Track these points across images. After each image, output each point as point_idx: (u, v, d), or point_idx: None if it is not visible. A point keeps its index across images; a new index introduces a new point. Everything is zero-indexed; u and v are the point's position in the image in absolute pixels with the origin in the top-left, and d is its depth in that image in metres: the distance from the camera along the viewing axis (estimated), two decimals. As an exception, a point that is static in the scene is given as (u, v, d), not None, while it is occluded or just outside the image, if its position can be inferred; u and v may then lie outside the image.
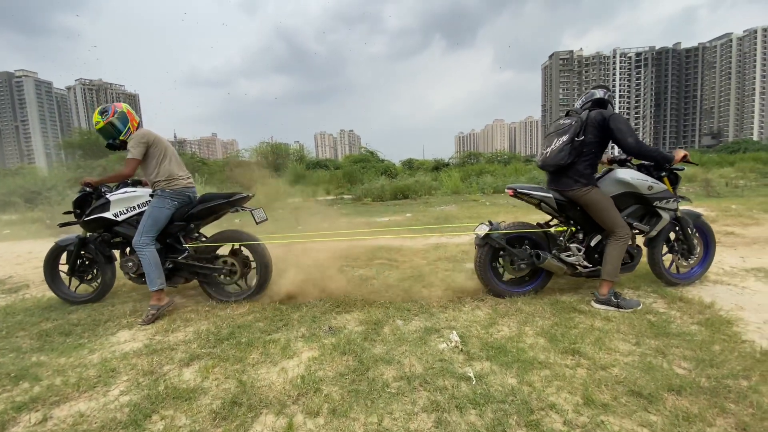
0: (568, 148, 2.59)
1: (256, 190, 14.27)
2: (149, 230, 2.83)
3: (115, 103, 2.95)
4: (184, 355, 2.22)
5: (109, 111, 2.88)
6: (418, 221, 7.16)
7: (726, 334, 2.19)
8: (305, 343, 2.31)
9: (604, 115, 2.57)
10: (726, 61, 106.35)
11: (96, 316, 2.94)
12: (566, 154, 2.59)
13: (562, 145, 2.61)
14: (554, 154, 2.65)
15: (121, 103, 3.01)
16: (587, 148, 2.61)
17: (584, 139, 2.58)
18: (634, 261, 2.81)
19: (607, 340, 2.18)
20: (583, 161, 2.62)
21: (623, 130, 2.52)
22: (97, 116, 2.88)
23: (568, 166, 2.63)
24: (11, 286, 4.01)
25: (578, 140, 2.58)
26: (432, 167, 27.99)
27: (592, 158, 2.64)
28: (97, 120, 2.88)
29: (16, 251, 5.99)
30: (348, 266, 4.06)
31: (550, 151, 2.69)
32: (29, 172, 24.33)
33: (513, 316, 2.57)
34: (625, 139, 2.52)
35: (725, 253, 3.90)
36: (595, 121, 2.58)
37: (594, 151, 2.63)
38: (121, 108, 2.91)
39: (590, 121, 2.59)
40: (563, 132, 2.64)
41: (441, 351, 2.14)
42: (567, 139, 2.59)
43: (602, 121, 2.56)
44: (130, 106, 3.05)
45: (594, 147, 2.62)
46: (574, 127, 2.58)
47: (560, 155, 2.61)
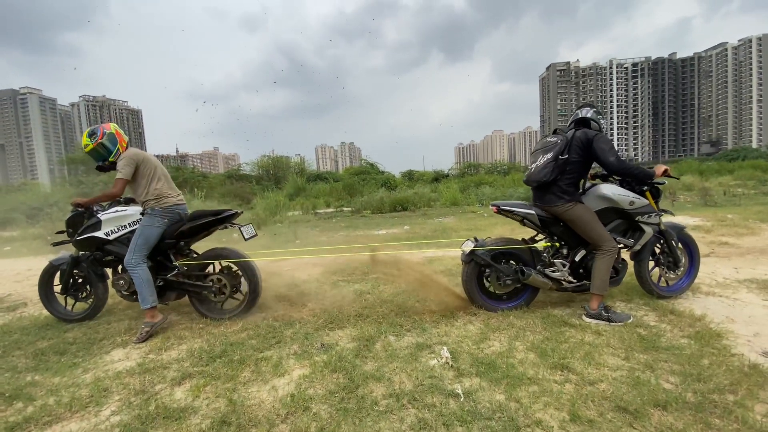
0: (552, 165, 2.64)
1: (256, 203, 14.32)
2: (140, 249, 2.87)
3: (103, 124, 3.00)
4: (176, 374, 2.23)
5: (97, 133, 2.92)
6: (416, 234, 7.19)
7: (715, 347, 2.20)
8: (297, 361, 2.32)
9: (588, 136, 2.63)
10: (722, 70, 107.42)
11: (91, 334, 2.95)
12: (549, 172, 2.65)
13: (546, 162, 2.66)
14: (538, 171, 2.71)
15: (110, 123, 3.07)
16: (570, 166, 2.66)
17: (568, 158, 2.64)
18: (620, 275, 2.83)
19: (596, 354, 2.19)
20: (566, 178, 2.67)
21: (605, 149, 2.58)
22: (86, 139, 2.93)
23: (551, 183, 2.68)
24: (9, 304, 4.03)
25: (562, 159, 2.64)
26: (432, 178, 28.16)
27: (575, 176, 2.69)
28: (87, 143, 2.92)
29: (16, 268, 6.02)
30: (343, 281, 4.07)
31: (535, 167, 2.74)
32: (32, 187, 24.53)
33: (504, 330, 2.58)
34: (607, 158, 2.57)
35: (719, 264, 3.91)
36: (580, 141, 2.64)
37: (577, 169, 2.68)
38: (110, 129, 2.96)
39: (575, 140, 2.65)
40: (548, 150, 2.69)
41: (431, 367, 2.15)
42: (551, 157, 2.65)
43: (586, 141, 2.62)
44: (119, 126, 3.10)
45: (577, 166, 2.67)
46: (559, 145, 2.65)
47: (543, 172, 2.67)
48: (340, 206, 16.40)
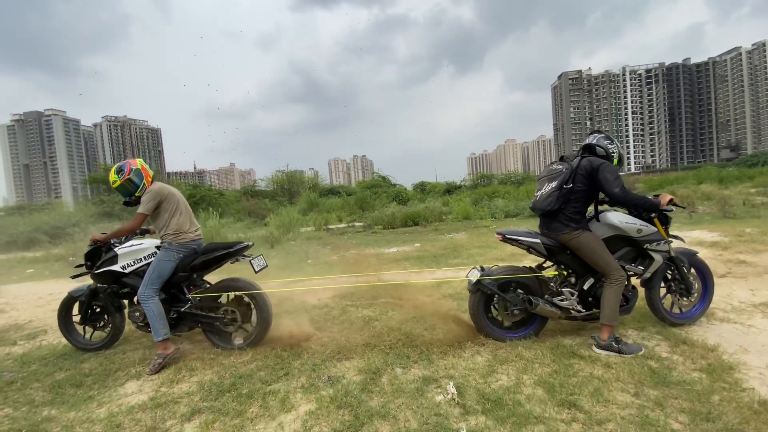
0: (556, 194, 2.64)
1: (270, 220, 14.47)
2: (153, 282, 2.96)
3: (129, 160, 3.12)
4: (187, 409, 2.28)
5: (125, 169, 3.04)
6: (427, 252, 7.18)
7: (727, 381, 2.14)
8: (304, 395, 2.35)
9: (593, 165, 2.63)
10: (737, 74, 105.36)
11: (107, 365, 3.04)
12: (553, 200, 2.65)
13: (551, 191, 2.67)
14: (543, 199, 2.71)
15: (135, 159, 3.20)
16: (575, 195, 2.66)
17: (572, 187, 2.64)
18: (630, 303, 2.78)
19: (605, 390, 2.15)
20: (572, 207, 2.67)
21: (610, 180, 2.57)
22: (114, 175, 3.05)
23: (556, 211, 2.68)
24: (30, 331, 4.18)
25: (566, 188, 2.64)
26: (444, 190, 28.11)
27: (580, 205, 2.68)
28: (114, 179, 3.04)
29: (38, 292, 6.24)
30: (352, 306, 4.10)
31: (540, 195, 2.75)
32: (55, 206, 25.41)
33: (513, 362, 2.56)
34: (612, 189, 2.56)
35: (735, 286, 3.80)
36: (584, 169, 2.64)
37: (583, 198, 2.68)
38: (136, 165, 3.09)
39: (580, 169, 2.65)
40: (553, 178, 2.70)
41: (437, 404, 2.14)
42: (555, 186, 2.65)
43: (591, 170, 2.62)
44: (144, 161, 3.24)
45: (583, 194, 2.67)
46: (564, 174, 2.65)
47: (548, 200, 2.67)
48: (352, 221, 16.51)
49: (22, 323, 4.56)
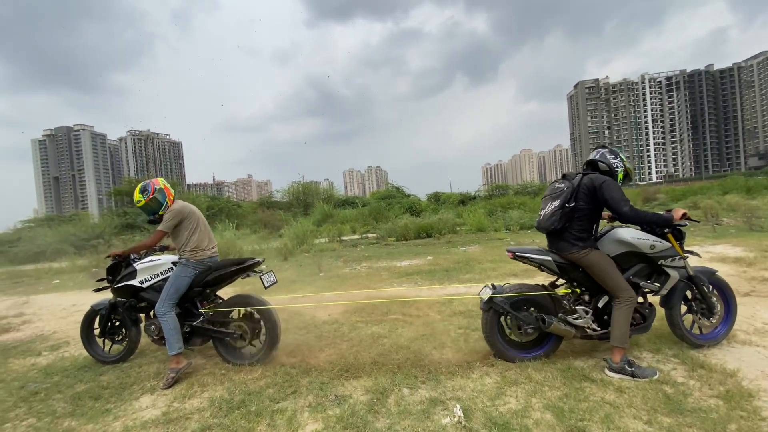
0: (559, 213, 2.63)
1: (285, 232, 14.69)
2: (171, 298, 3.05)
3: (152, 180, 3.25)
4: (197, 425, 2.33)
5: (149, 189, 3.16)
6: (438, 266, 7.15)
7: (745, 409, 2.06)
8: (311, 414, 2.36)
9: (595, 183, 2.60)
10: (765, 79, 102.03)
11: (123, 378, 3.13)
12: (557, 220, 2.63)
13: (554, 210, 2.65)
14: (547, 218, 2.70)
15: (158, 178, 3.33)
16: (579, 213, 2.63)
17: (575, 206, 2.62)
18: (647, 321, 2.71)
19: (616, 416, 2.10)
20: (577, 225, 2.64)
21: (616, 198, 2.53)
22: (139, 195, 3.17)
23: (561, 230, 2.66)
24: (54, 342, 4.34)
25: (569, 206, 2.62)
26: (458, 201, 27.96)
27: (585, 222, 2.65)
28: (139, 198, 3.17)
29: (62, 303, 6.47)
30: (362, 322, 4.11)
31: (544, 214, 2.73)
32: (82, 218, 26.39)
33: (522, 384, 2.52)
34: (620, 208, 2.52)
35: (759, 305, 3.66)
36: (586, 188, 2.62)
37: (587, 216, 2.65)
38: (159, 185, 3.22)
39: (581, 187, 2.63)
40: (556, 197, 2.68)
41: (444, 427, 2.13)
42: (558, 205, 2.64)
43: (592, 188, 2.60)
44: (165, 180, 3.37)
45: (586, 212, 2.64)
46: (566, 193, 2.63)
47: (552, 220, 2.66)
48: (365, 232, 16.57)
49: (47, 334, 4.74)
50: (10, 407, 2.80)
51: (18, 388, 3.14)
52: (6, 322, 5.52)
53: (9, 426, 2.54)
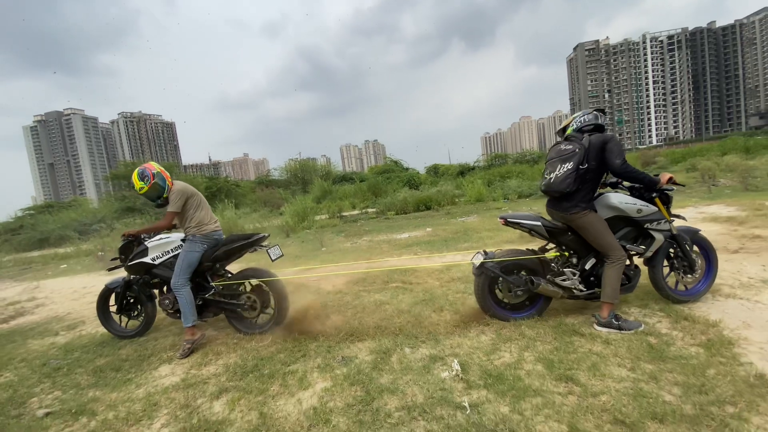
0: (573, 175, 2.66)
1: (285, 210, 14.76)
2: (184, 272, 3.19)
3: (146, 165, 3.29)
4: (215, 389, 2.50)
5: (147, 174, 3.22)
6: (438, 237, 7.29)
7: (725, 356, 2.22)
8: (320, 374, 2.54)
9: (605, 139, 2.67)
10: (767, 36, 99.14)
11: (141, 351, 3.31)
12: (572, 182, 2.67)
13: (568, 172, 2.68)
14: (560, 182, 2.71)
15: (150, 163, 3.37)
16: (590, 174, 2.70)
17: (588, 167, 2.67)
18: (632, 282, 2.85)
19: (602, 365, 2.26)
20: (586, 187, 2.71)
21: (614, 151, 2.61)
22: (139, 182, 3.22)
23: (572, 192, 2.72)
24: (69, 322, 4.52)
25: (583, 168, 2.66)
26: (457, 172, 27.89)
27: (592, 183, 2.73)
28: (141, 185, 3.22)
29: (73, 286, 6.66)
30: (365, 291, 4.27)
31: (555, 177, 2.75)
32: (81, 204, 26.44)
33: (516, 340, 2.68)
34: (614, 160, 2.60)
35: (746, 262, 3.80)
36: (597, 145, 2.67)
37: (595, 177, 2.72)
38: (155, 169, 3.27)
39: (592, 145, 2.68)
40: (567, 159, 2.71)
41: (442, 380, 2.30)
42: (572, 167, 2.67)
43: (603, 144, 2.66)
44: (159, 164, 3.39)
45: (596, 173, 2.71)
46: (579, 155, 2.66)
47: (566, 182, 2.68)
48: (365, 208, 16.68)
49: (62, 315, 4.93)
50: (34, 383, 2.98)
51: (40, 365, 3.31)
52: (20, 307, 5.71)
53: (35, 400, 2.71)
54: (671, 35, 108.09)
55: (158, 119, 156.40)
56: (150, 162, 3.38)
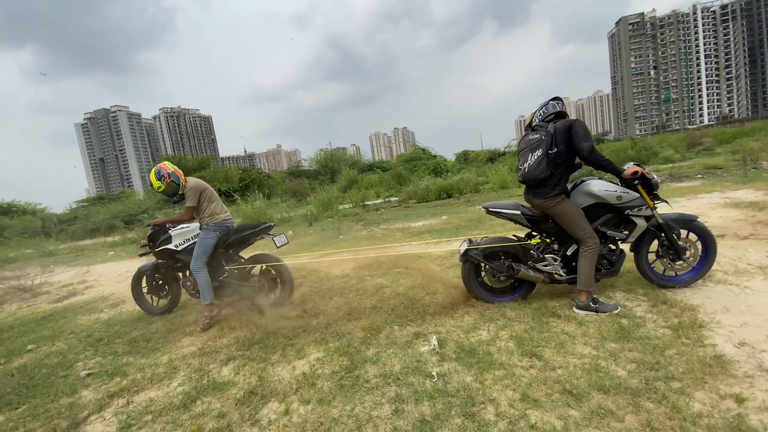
0: (545, 161, 2.77)
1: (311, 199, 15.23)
2: (201, 256, 3.59)
3: (161, 165, 3.63)
4: (225, 357, 2.88)
5: (163, 174, 3.58)
6: (451, 224, 7.43)
7: (690, 338, 2.31)
8: (315, 346, 2.85)
9: (569, 123, 2.76)
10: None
11: (169, 325, 3.77)
12: (545, 167, 2.77)
13: (539, 159, 2.79)
14: (533, 169, 2.82)
15: (164, 163, 3.72)
16: (561, 158, 2.79)
17: (557, 150, 2.77)
18: (614, 267, 2.92)
19: (569, 343, 2.41)
20: (559, 171, 2.81)
21: (581, 134, 2.69)
22: (157, 182, 3.59)
23: (546, 177, 2.84)
24: (113, 302, 5.13)
25: (552, 152, 2.77)
26: (487, 158, 27.42)
27: (565, 167, 2.82)
28: (159, 184, 3.59)
29: (118, 270, 7.41)
30: (369, 275, 4.55)
31: (528, 166, 2.86)
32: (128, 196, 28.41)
33: (496, 321, 2.87)
34: (581, 143, 2.68)
35: (752, 248, 3.72)
36: (563, 129, 2.76)
37: (567, 159, 2.80)
38: (170, 168, 3.64)
39: (557, 130, 2.77)
40: (536, 147, 2.82)
41: (421, 353, 2.54)
42: (542, 154, 2.78)
43: (569, 128, 2.75)
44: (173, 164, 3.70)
45: (566, 156, 2.79)
46: (545, 141, 2.77)
47: (539, 169, 2.79)
48: (388, 196, 16.92)
49: (107, 295, 5.57)
50: (80, 350, 3.50)
51: (86, 336, 3.86)
52: (72, 288, 6.48)
53: (80, 364, 3.21)
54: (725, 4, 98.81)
55: (196, 113, 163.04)
56: (164, 162, 3.75)
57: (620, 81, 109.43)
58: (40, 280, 7.18)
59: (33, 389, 2.81)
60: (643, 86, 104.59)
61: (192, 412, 2.23)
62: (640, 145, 19.41)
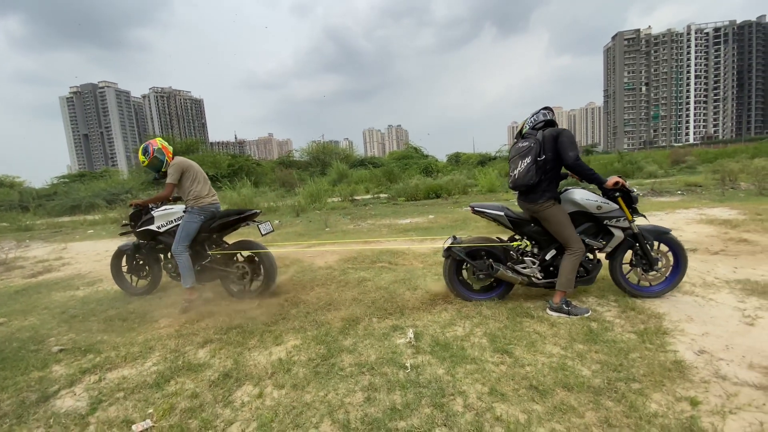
0: (534, 168, 2.85)
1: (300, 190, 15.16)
2: (183, 240, 3.56)
3: (150, 141, 3.65)
4: (202, 339, 2.88)
5: (149, 150, 3.59)
6: (437, 224, 7.51)
7: (654, 343, 2.41)
8: (293, 334, 2.88)
9: (557, 132, 2.84)
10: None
11: (147, 306, 3.75)
12: (533, 174, 2.85)
13: (528, 166, 2.87)
14: (523, 176, 2.90)
15: (155, 139, 3.72)
16: (549, 165, 2.87)
17: (546, 158, 2.85)
18: (590, 275, 3.02)
19: (540, 343, 2.50)
20: (548, 178, 2.89)
21: (567, 144, 2.78)
22: (142, 156, 3.60)
23: (537, 183, 2.91)
24: (90, 280, 5.05)
25: (540, 159, 2.85)
26: (477, 161, 27.67)
27: (554, 174, 2.90)
28: (143, 159, 3.61)
29: (97, 249, 7.27)
30: (352, 268, 4.58)
31: (518, 172, 2.94)
32: (112, 174, 27.76)
33: (472, 318, 2.94)
34: (567, 152, 2.76)
35: (720, 263, 3.88)
36: (551, 137, 2.84)
37: (555, 167, 2.88)
38: (157, 145, 3.63)
39: (546, 138, 2.85)
40: (525, 154, 2.90)
41: (396, 345, 2.59)
42: (530, 161, 2.86)
43: (557, 136, 2.83)
44: (164, 139, 3.74)
45: (555, 163, 2.87)
46: (534, 148, 2.85)
47: (528, 176, 2.87)
48: (378, 193, 16.94)
49: (84, 273, 5.47)
50: (53, 326, 3.44)
51: (60, 313, 3.79)
52: (48, 264, 6.34)
53: (53, 339, 3.16)
54: (718, 27, 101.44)
55: (187, 95, 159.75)
56: (156, 138, 3.74)
57: (612, 95, 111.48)
58: (14, 255, 7.01)
59: (2, 362, 2.76)
60: (633, 102, 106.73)
61: (165, 392, 2.24)
62: (626, 158, 19.89)
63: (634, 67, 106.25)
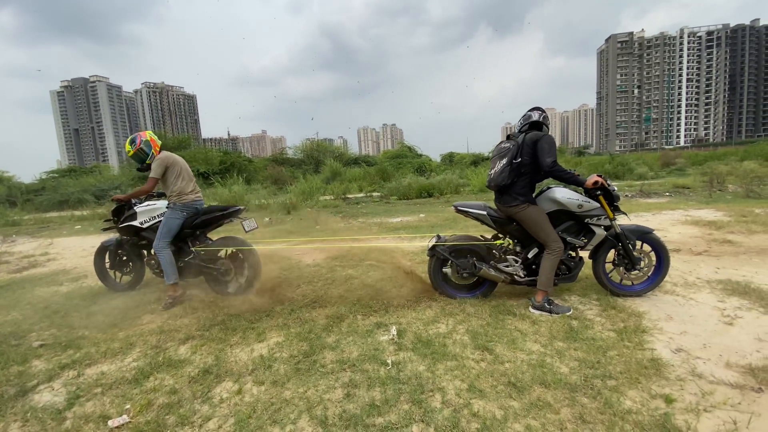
0: (508, 170, 2.90)
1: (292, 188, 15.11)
2: (165, 236, 3.53)
3: (140, 133, 3.65)
4: (183, 336, 2.86)
5: (136, 141, 3.57)
6: (428, 222, 7.53)
7: (632, 341, 2.44)
8: (277, 331, 2.87)
9: (537, 137, 2.86)
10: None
11: (130, 302, 3.71)
12: (506, 176, 2.90)
13: (503, 167, 2.92)
14: (497, 176, 2.96)
15: (145, 131, 3.71)
16: (525, 168, 2.90)
17: (521, 161, 2.88)
18: (572, 273, 3.05)
19: (521, 340, 2.52)
20: (522, 181, 2.92)
21: (545, 149, 2.80)
22: (128, 146, 3.60)
23: (509, 185, 2.94)
24: (74, 276, 4.99)
25: (516, 162, 2.89)
26: (470, 161, 27.74)
27: (529, 178, 2.93)
28: (129, 149, 3.59)
29: (83, 245, 7.18)
30: (340, 266, 4.58)
31: (494, 172, 3.00)
32: (102, 170, 27.38)
33: (456, 315, 2.95)
34: (544, 158, 2.79)
35: (703, 264, 3.94)
36: (530, 142, 2.88)
37: (531, 171, 2.92)
38: (146, 137, 3.61)
39: (525, 143, 2.89)
40: (503, 155, 2.94)
41: (379, 342, 2.60)
42: (506, 162, 2.90)
43: (534, 142, 2.85)
44: (153, 133, 3.73)
45: (531, 167, 2.91)
46: (512, 150, 2.89)
47: (501, 176, 2.93)
48: (370, 191, 16.92)
49: (69, 269, 5.41)
50: (35, 322, 3.39)
51: (42, 308, 3.74)
52: (33, 259, 6.25)
53: (34, 334, 3.12)
54: (711, 31, 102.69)
55: (180, 91, 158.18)
56: (145, 131, 3.71)
57: (605, 97, 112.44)
58: (0, 250, 6.90)
59: (-20, 357, 2.72)
60: (626, 104, 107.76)
61: (143, 387, 2.22)
62: (617, 160, 20.08)
63: (626, 69, 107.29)
